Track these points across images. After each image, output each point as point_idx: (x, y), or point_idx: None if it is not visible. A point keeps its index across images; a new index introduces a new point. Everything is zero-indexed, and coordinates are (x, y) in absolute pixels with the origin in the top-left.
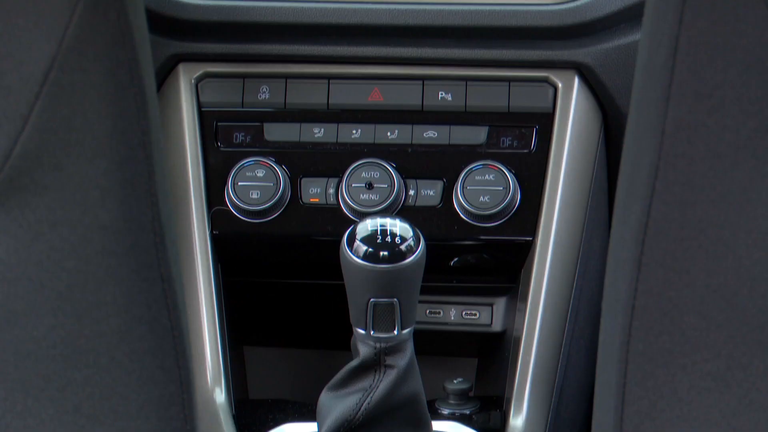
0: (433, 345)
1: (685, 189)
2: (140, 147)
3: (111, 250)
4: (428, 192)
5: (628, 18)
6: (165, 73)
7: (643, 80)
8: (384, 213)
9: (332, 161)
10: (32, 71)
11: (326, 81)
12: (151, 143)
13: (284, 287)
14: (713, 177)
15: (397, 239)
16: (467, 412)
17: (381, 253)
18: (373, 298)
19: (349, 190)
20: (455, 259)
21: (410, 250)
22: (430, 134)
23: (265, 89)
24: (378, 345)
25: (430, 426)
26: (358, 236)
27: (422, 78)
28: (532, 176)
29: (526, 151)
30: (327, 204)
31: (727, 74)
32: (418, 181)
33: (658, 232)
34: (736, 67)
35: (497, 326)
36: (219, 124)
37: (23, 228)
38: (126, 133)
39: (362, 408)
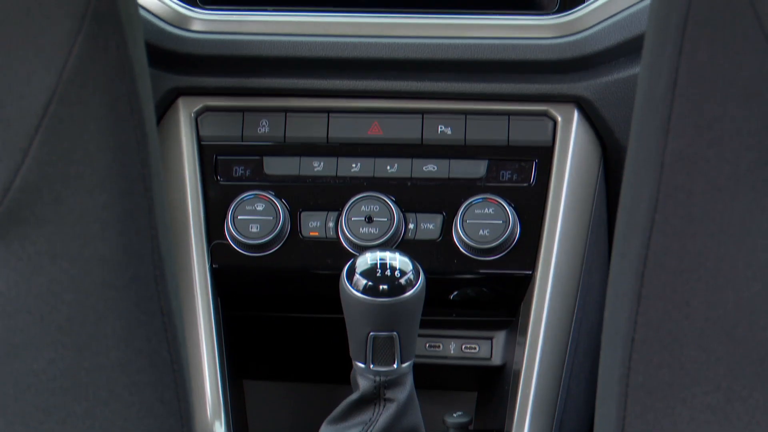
0: (433, 378)
1: (684, 221)
2: (140, 180)
3: (111, 283)
4: (428, 225)
5: (628, 52)
6: (165, 107)
7: (642, 112)
8: (384, 247)
9: (332, 195)
10: (32, 104)
11: (326, 115)
12: (151, 176)
13: (284, 321)
14: (713, 209)
15: (396, 273)
16: None
17: (381, 286)
18: (372, 331)
19: (348, 224)
20: (455, 293)
21: (410, 284)
22: (430, 168)
23: (264, 123)
24: (378, 378)
25: None
26: (358, 270)
27: (422, 112)
28: (531, 210)
29: (525, 184)
30: (327, 238)
31: (726, 106)
32: (417, 214)
33: (658, 265)
34: (736, 99)
35: (497, 360)
36: (219, 157)
37: (23, 261)
38: (126, 165)
39: None
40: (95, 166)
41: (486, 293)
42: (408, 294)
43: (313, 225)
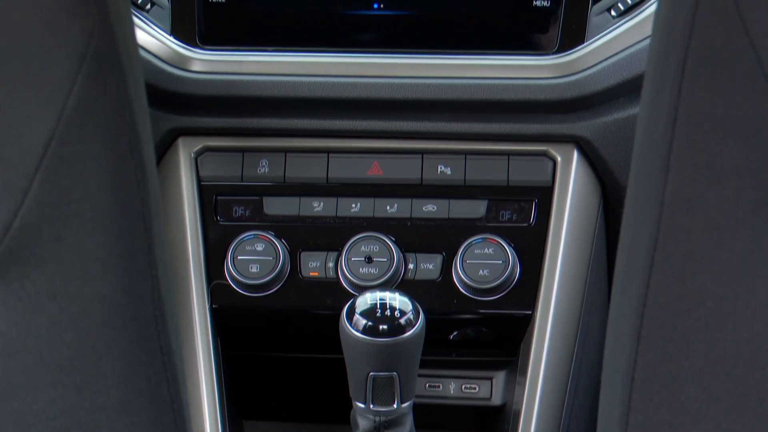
0: (433, 418)
1: (684, 261)
2: (140, 219)
3: (111, 323)
4: (427, 265)
5: (627, 92)
6: (165, 147)
7: (642, 152)
8: (383, 287)
9: (332, 235)
10: (32, 143)
11: (326, 155)
12: (151, 216)
13: (284, 361)
14: (712, 249)
15: (396, 313)
16: None
17: (380, 326)
18: (372, 371)
19: (348, 264)
20: (455, 333)
21: (410, 324)
22: (430, 208)
23: (264, 163)
24: (377, 418)
25: None
26: (358, 310)
27: (421, 152)
28: (531, 249)
29: (525, 224)
30: (326, 278)
31: (725, 146)
32: (417, 254)
33: (658, 304)
34: (735, 138)
35: (497, 400)
36: (218, 197)
37: (23, 300)
38: (126, 205)
39: None
40: (95, 205)
41: (486, 333)
42: (408, 334)
43: (313, 265)
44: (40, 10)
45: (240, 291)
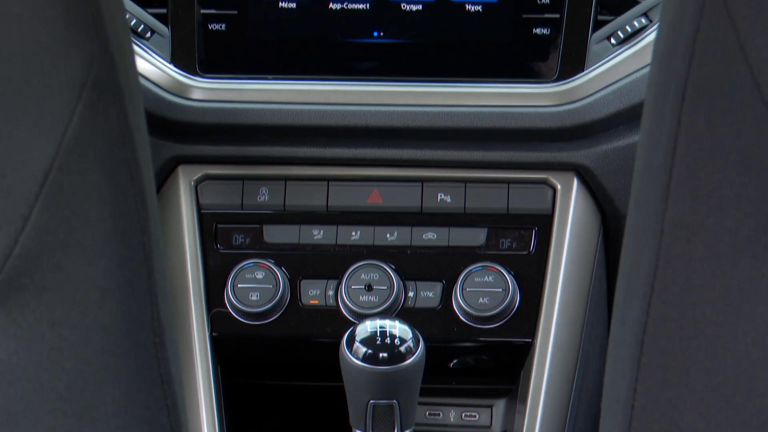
0: None
1: (683, 289)
2: (140, 248)
3: (111, 351)
4: (427, 294)
5: (627, 120)
6: (165, 175)
7: (641, 180)
8: (383, 315)
9: (331, 263)
10: (32, 171)
11: (325, 183)
12: (151, 244)
13: (284, 389)
14: (712, 277)
15: (396, 341)
16: None
17: (380, 354)
18: (372, 399)
19: (348, 292)
20: (455, 361)
21: (410, 352)
22: (430, 236)
23: (264, 191)
24: None
25: None
26: (358, 338)
27: (421, 180)
28: (531, 277)
29: (525, 252)
30: (326, 306)
31: (725, 174)
32: (417, 282)
33: (657, 332)
34: (735, 167)
35: (497, 428)
36: (218, 226)
37: (23, 328)
38: (126, 233)
39: None
40: (95, 233)
41: (486, 361)
42: (408, 362)
43: (313, 293)
44: (41, 39)
45: (240, 319)
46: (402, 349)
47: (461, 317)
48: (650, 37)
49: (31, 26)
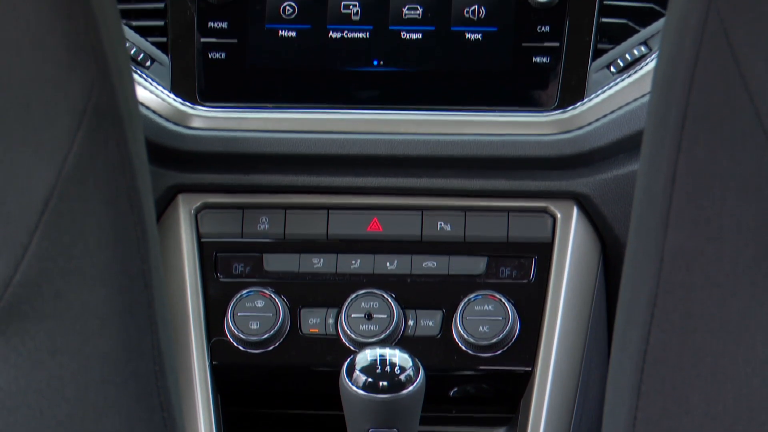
0: None
1: (683, 317)
2: (140, 276)
3: (110, 379)
4: (427, 322)
5: (627, 148)
6: (165, 204)
7: (641, 207)
8: (383, 343)
9: (331, 292)
10: (32, 199)
11: (325, 211)
12: (151, 272)
13: (284, 417)
14: (712, 305)
15: (396, 369)
16: None
17: (380, 383)
18: (372, 428)
19: (348, 321)
20: (455, 389)
21: (409, 380)
22: (429, 264)
23: (264, 220)
24: None
25: None
26: (358, 366)
27: (421, 208)
28: (531, 306)
29: (525, 281)
30: (326, 334)
31: (725, 202)
32: (417, 311)
33: (657, 360)
34: (735, 194)
35: None
36: (218, 254)
37: (23, 356)
38: (126, 261)
39: None
40: (95, 261)
41: (486, 390)
42: (408, 390)
43: (313, 322)
44: (40, 66)
45: (240, 348)
46: (402, 377)
47: (461, 346)
48: (650, 65)
49: (32, 53)
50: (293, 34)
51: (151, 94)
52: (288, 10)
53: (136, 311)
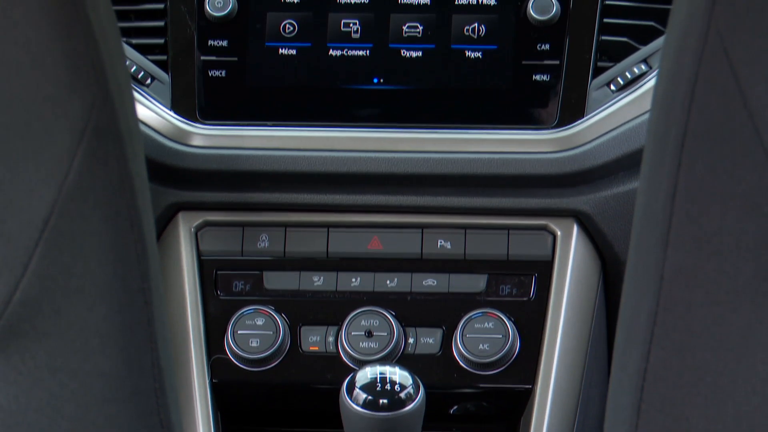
0: None
1: (683, 335)
2: (140, 294)
3: (111, 397)
4: (427, 340)
5: (627, 166)
6: (165, 222)
7: (641, 225)
8: (383, 361)
9: (332, 309)
10: (32, 218)
11: (325, 229)
12: (151, 290)
13: None
14: (712, 323)
15: (396, 387)
16: None
17: (380, 400)
18: None
19: (348, 339)
20: (455, 407)
21: (410, 398)
22: (430, 282)
23: (264, 238)
24: None
25: None
26: (358, 384)
27: (421, 226)
28: (531, 324)
29: (525, 298)
30: (326, 352)
31: (725, 220)
32: (417, 329)
33: (657, 378)
34: (735, 212)
35: None
36: (218, 272)
37: (23, 375)
38: (126, 279)
39: None
40: (95, 279)
41: (486, 407)
42: (408, 408)
43: (313, 339)
44: (41, 85)
45: (240, 365)
46: (402, 395)
47: (461, 363)
48: (650, 83)
49: (32, 72)
50: (293, 52)
51: (152, 112)
52: (288, 28)
53: (137, 329)
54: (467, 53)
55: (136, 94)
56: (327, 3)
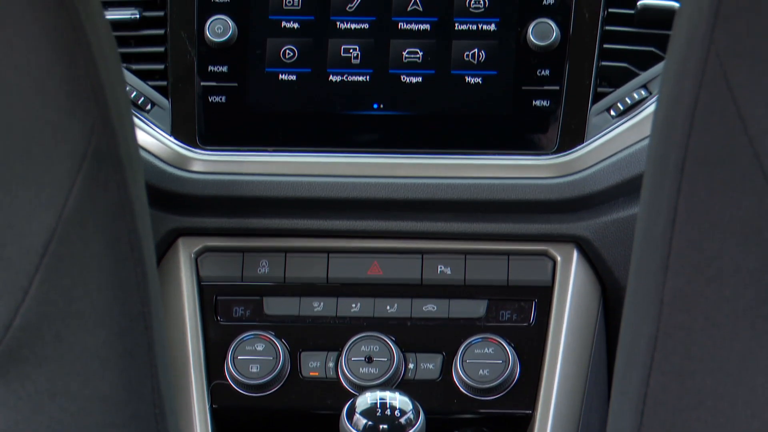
0: None
1: (683, 360)
2: (140, 318)
3: (111, 421)
4: (427, 365)
5: (627, 192)
6: (165, 247)
7: (641, 250)
8: (383, 386)
9: (332, 335)
10: (32, 242)
11: (325, 255)
12: (151, 315)
13: None
14: (712, 347)
15: (396, 413)
16: None
17: (381, 426)
18: None
19: (348, 364)
20: None
21: (410, 424)
22: (430, 308)
23: (264, 263)
24: None
25: None
26: (358, 410)
27: (421, 252)
28: (531, 349)
29: (525, 324)
30: (327, 378)
31: (725, 245)
32: (417, 354)
33: (657, 403)
34: (734, 237)
35: None
36: (219, 298)
37: (23, 400)
38: (126, 304)
39: None
40: (95, 304)
41: None
42: None
43: (313, 365)
44: (41, 110)
45: (240, 391)
46: (402, 420)
47: (461, 389)
48: (650, 109)
49: (32, 97)
50: (293, 77)
51: (152, 138)
52: (288, 53)
53: (137, 354)
54: (467, 79)
55: (136, 120)
56: (327, 28)
